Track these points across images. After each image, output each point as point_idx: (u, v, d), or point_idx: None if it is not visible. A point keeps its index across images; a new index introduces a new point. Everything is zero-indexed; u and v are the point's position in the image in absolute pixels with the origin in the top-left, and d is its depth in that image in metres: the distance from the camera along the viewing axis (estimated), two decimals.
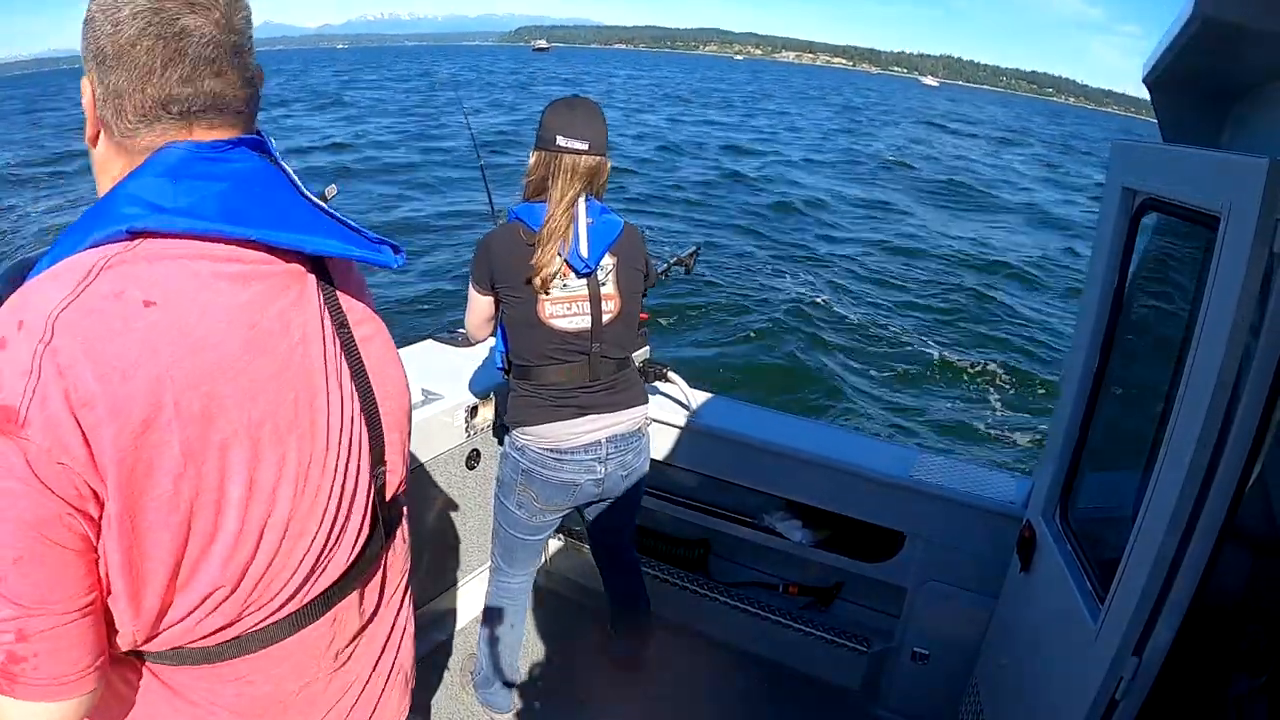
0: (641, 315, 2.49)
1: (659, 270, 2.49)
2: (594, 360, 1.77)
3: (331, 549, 0.80)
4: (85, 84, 0.72)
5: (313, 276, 0.78)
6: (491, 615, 2.04)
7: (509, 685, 2.07)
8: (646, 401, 1.90)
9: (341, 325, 0.82)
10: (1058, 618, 1.45)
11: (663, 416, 2.34)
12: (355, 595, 0.87)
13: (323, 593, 0.81)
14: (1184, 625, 1.12)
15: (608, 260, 1.74)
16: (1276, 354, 1.01)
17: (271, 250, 0.73)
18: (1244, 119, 1.36)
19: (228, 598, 0.72)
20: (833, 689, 2.24)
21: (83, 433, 0.60)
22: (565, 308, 1.71)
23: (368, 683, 0.94)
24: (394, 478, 0.90)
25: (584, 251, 1.68)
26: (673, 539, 2.54)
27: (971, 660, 1.91)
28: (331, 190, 0.80)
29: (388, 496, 0.89)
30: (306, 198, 0.77)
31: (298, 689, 0.84)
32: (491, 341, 1.94)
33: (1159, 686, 1.15)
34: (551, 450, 1.79)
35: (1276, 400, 1.02)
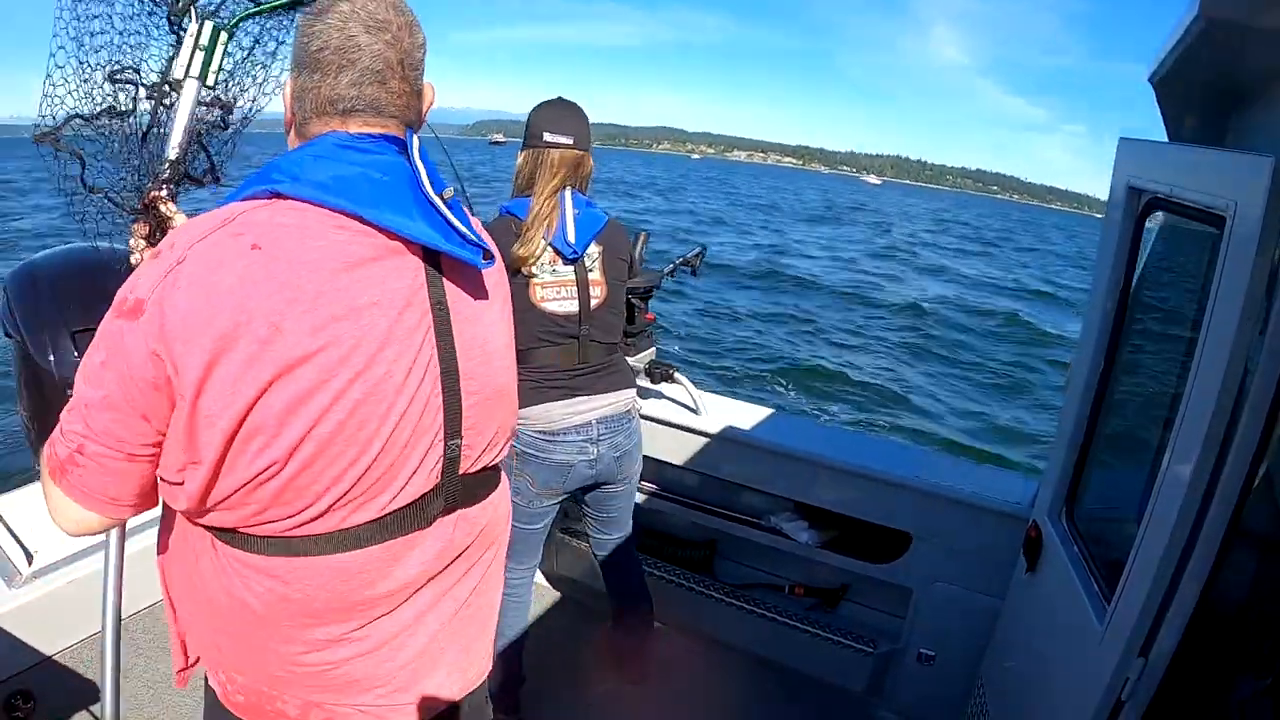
0: (648, 316, 2.50)
1: (665, 270, 2.51)
2: (583, 343, 1.84)
3: (372, 489, 0.89)
4: (288, 83, 0.93)
5: (416, 258, 0.90)
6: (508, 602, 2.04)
7: (512, 682, 2.08)
8: (634, 386, 1.95)
9: (439, 305, 0.92)
10: (1064, 619, 1.45)
11: (668, 417, 2.34)
12: (404, 544, 0.94)
13: (362, 525, 0.90)
14: (1189, 627, 1.11)
15: (594, 249, 1.83)
16: None
17: (379, 229, 0.86)
18: (1248, 117, 1.35)
19: (261, 487, 0.84)
20: (838, 690, 2.24)
21: (176, 337, 0.78)
22: (555, 291, 1.80)
23: (433, 639, 1.02)
24: (470, 453, 0.98)
25: (571, 238, 1.78)
26: (678, 540, 2.54)
27: (977, 661, 1.91)
28: (449, 192, 0.92)
29: (461, 469, 0.97)
30: (425, 193, 0.89)
31: (334, 609, 0.92)
32: None
33: (1164, 688, 1.15)
34: (543, 433, 1.84)
35: None
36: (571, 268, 1.81)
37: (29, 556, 1.55)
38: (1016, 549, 1.73)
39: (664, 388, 2.44)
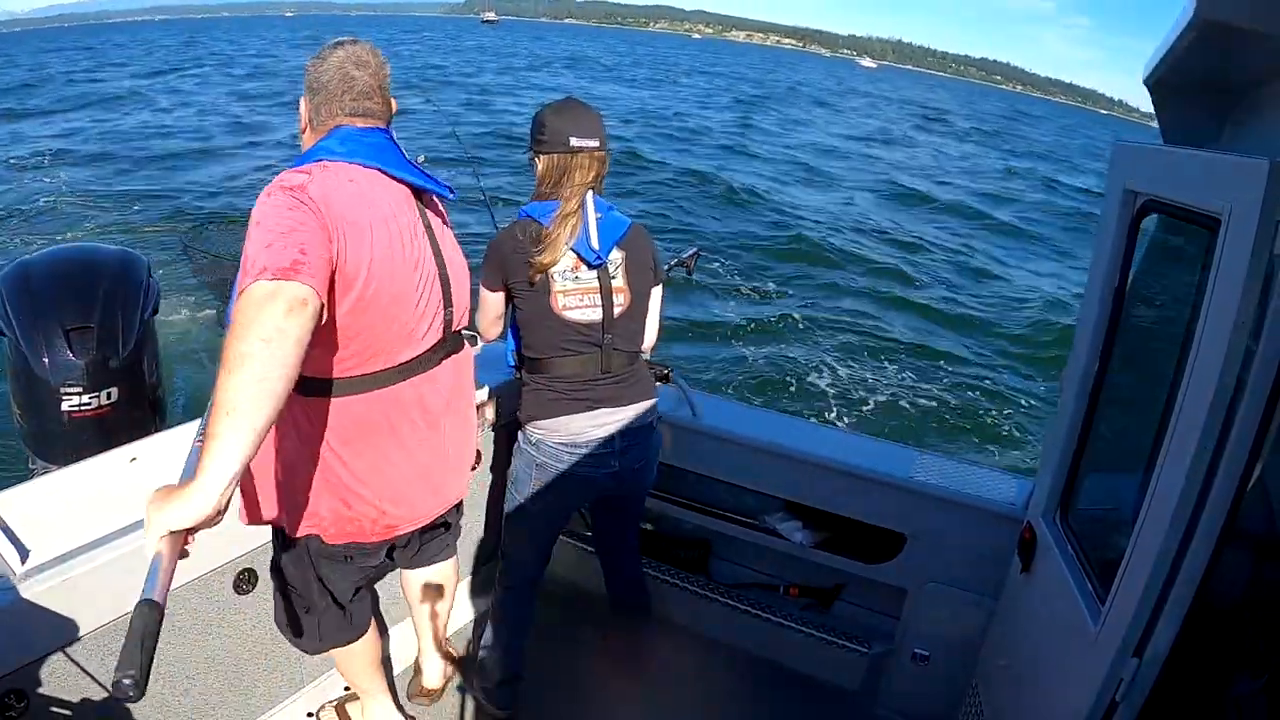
0: None
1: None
2: (606, 352, 1.79)
3: (413, 333, 1.42)
4: (303, 102, 1.47)
5: (412, 196, 1.46)
6: (498, 612, 2.04)
7: (513, 682, 2.08)
8: (656, 396, 1.92)
9: (427, 226, 1.48)
10: (1058, 619, 1.45)
11: (662, 418, 2.34)
12: (430, 378, 1.48)
13: (406, 363, 1.42)
14: (1184, 626, 1.12)
15: (616, 254, 1.78)
16: (1277, 355, 1.01)
17: (391, 176, 1.42)
18: (1244, 120, 1.36)
19: (349, 342, 1.33)
20: (833, 690, 2.24)
21: (328, 203, 1.26)
22: (577, 299, 1.75)
23: (448, 459, 1.58)
24: (456, 316, 1.53)
25: (594, 243, 1.73)
26: (673, 540, 2.54)
27: (972, 661, 1.91)
28: (421, 158, 1.50)
29: (453, 327, 1.53)
30: (405, 157, 1.45)
31: (390, 426, 1.43)
32: (495, 341, 1.96)
33: (1159, 688, 1.16)
34: (566, 445, 1.80)
35: (1277, 402, 1.02)
36: (594, 274, 1.75)
37: (23, 555, 1.54)
38: (1011, 549, 1.73)
39: (659, 388, 2.44)
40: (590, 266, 1.74)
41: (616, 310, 1.78)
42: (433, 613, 2.01)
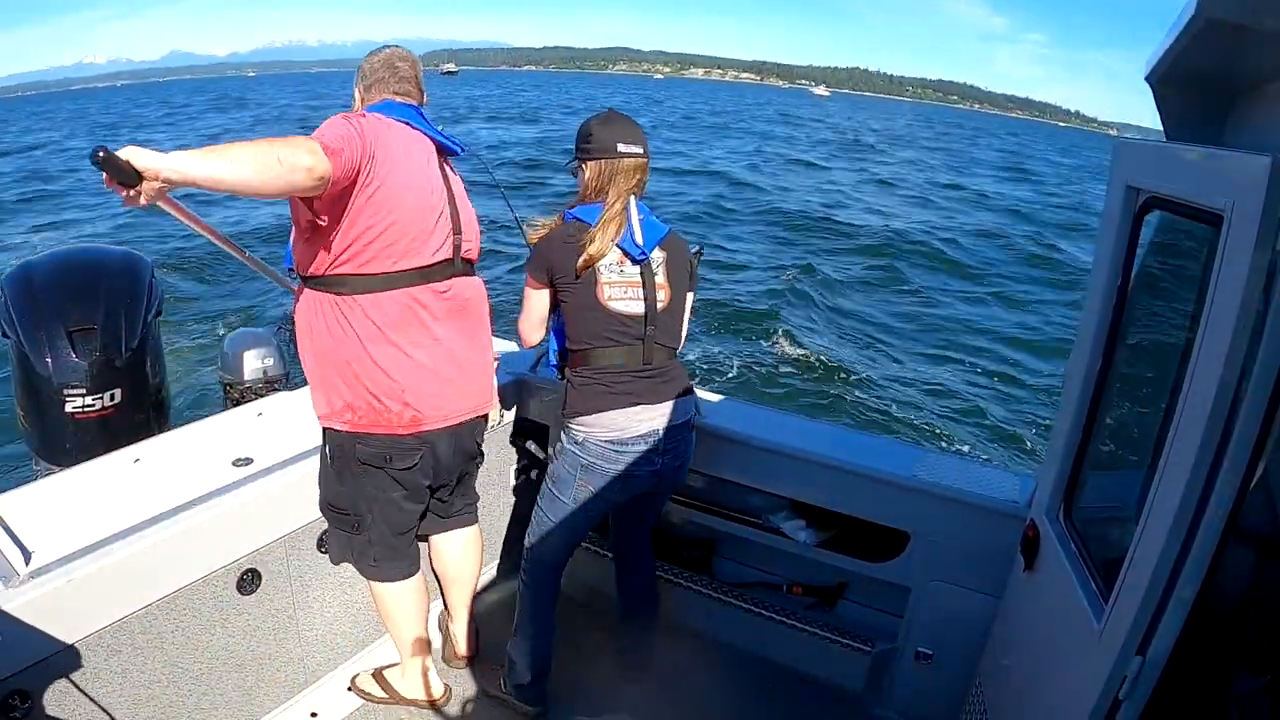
0: None
1: None
2: (648, 345, 1.87)
3: (427, 243, 1.74)
4: (356, 90, 1.90)
5: (435, 152, 1.83)
6: (526, 611, 2.06)
7: (543, 679, 2.10)
8: (694, 393, 1.98)
9: (444, 173, 1.84)
10: (1061, 617, 1.45)
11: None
12: (440, 289, 1.78)
13: (420, 268, 1.73)
14: (1187, 625, 1.12)
15: (658, 254, 1.90)
16: None
17: (422, 132, 1.80)
18: (1246, 117, 1.36)
19: (376, 237, 1.65)
20: (836, 689, 2.24)
21: (373, 135, 1.62)
22: (622, 290, 1.85)
23: (459, 363, 1.85)
24: (466, 245, 1.85)
25: (639, 239, 1.85)
26: (677, 539, 2.54)
27: (975, 660, 1.91)
28: (441, 126, 1.87)
29: (462, 253, 1.84)
30: (428, 122, 1.84)
31: (405, 324, 1.73)
32: (510, 346, 2.00)
33: (1162, 686, 1.15)
34: (612, 442, 1.85)
35: None
36: (637, 269, 1.86)
37: (26, 556, 1.55)
38: (1014, 547, 1.73)
39: None
40: (634, 261, 1.85)
41: (658, 305, 1.87)
42: (461, 579, 2.20)
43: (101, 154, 1.19)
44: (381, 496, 1.86)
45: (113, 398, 2.42)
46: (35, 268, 2.50)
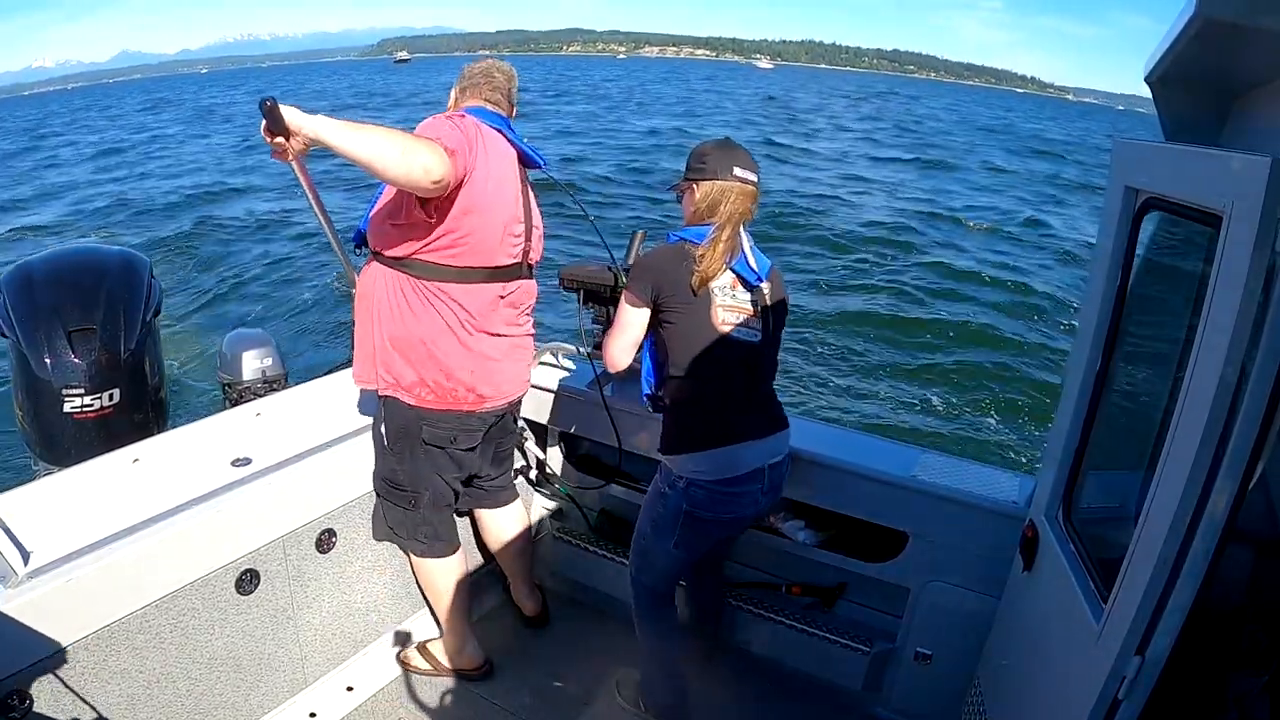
0: None
1: None
2: (755, 375, 1.81)
3: (502, 247, 1.87)
4: (453, 92, 2.06)
5: (518, 162, 1.95)
6: (647, 640, 2.06)
7: (680, 690, 2.09)
8: (788, 425, 1.91)
9: (523, 184, 1.96)
10: (1060, 617, 1.45)
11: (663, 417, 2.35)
12: (507, 287, 1.93)
13: (493, 268, 1.87)
14: (1186, 625, 1.12)
15: (765, 285, 1.82)
16: (1279, 353, 1.01)
17: (508, 140, 1.93)
18: (1245, 117, 1.36)
19: (467, 233, 1.79)
20: (835, 689, 2.24)
21: (472, 140, 1.76)
22: (735, 316, 1.76)
23: (511, 354, 2.01)
24: (533, 252, 2.02)
25: (753, 264, 1.79)
26: None
27: (974, 660, 1.91)
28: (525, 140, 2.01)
29: (527, 258, 2.00)
30: (515, 133, 1.97)
31: (468, 320, 1.87)
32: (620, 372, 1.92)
33: (1161, 686, 1.15)
34: (722, 481, 1.77)
35: (1279, 400, 1.02)
36: (749, 296, 1.79)
37: (25, 556, 1.55)
38: (1013, 548, 1.73)
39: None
40: (747, 287, 1.78)
41: (767, 335, 1.81)
42: (517, 547, 2.37)
43: (268, 103, 1.41)
44: (437, 476, 2.00)
45: (112, 398, 2.42)
46: (34, 268, 2.50)
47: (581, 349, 2.41)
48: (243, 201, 15.15)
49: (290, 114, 1.42)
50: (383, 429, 1.97)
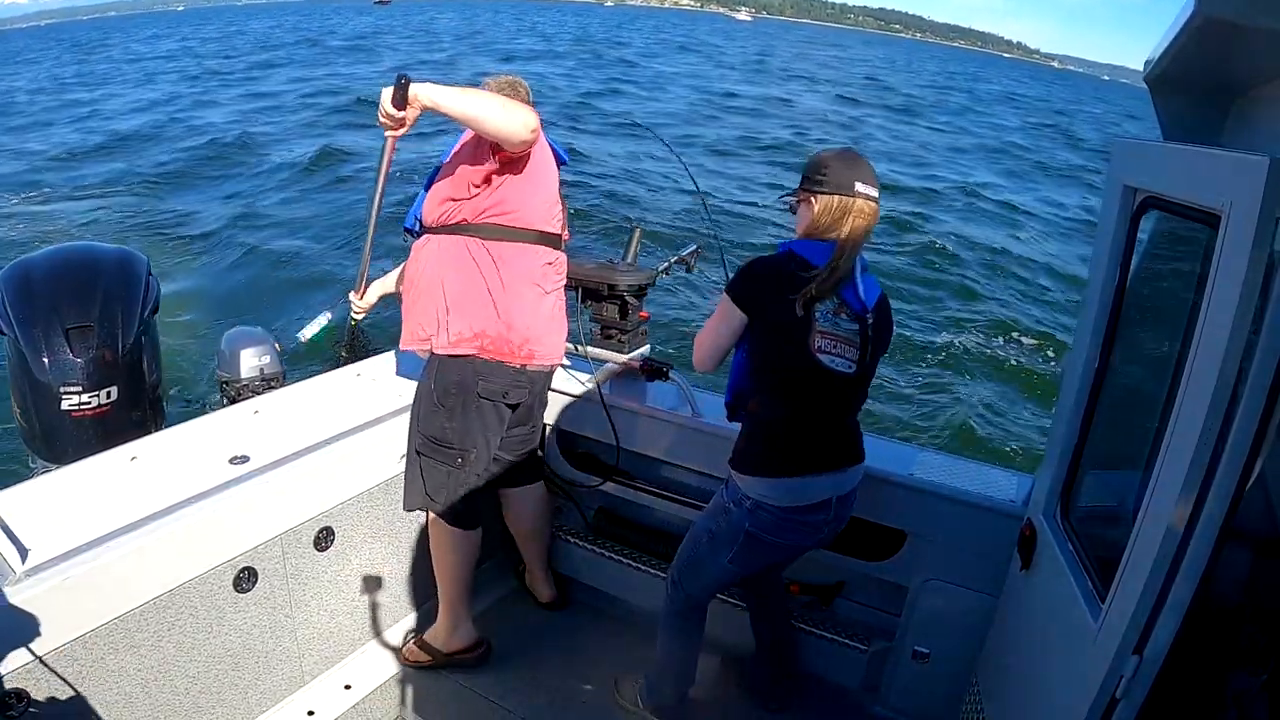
0: (642, 314, 2.50)
1: (660, 268, 2.51)
2: (843, 408, 1.76)
3: (548, 215, 2.08)
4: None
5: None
6: (669, 632, 2.04)
7: (682, 693, 2.09)
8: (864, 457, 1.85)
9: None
10: (1058, 616, 1.45)
11: (662, 415, 2.35)
12: (550, 252, 2.09)
13: (541, 232, 2.04)
14: (1184, 624, 1.12)
15: (870, 316, 1.71)
16: (1277, 353, 1.01)
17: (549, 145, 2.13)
18: (1245, 117, 1.36)
19: (525, 201, 2.01)
20: (833, 688, 2.24)
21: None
22: (832, 343, 1.66)
23: (554, 316, 2.14)
24: (565, 229, 2.18)
25: (861, 293, 1.69)
26: (673, 537, 2.54)
27: (972, 659, 1.91)
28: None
29: (563, 230, 2.17)
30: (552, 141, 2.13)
31: (526, 275, 2.03)
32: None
33: (1159, 685, 1.15)
34: (789, 509, 1.73)
35: (1277, 399, 1.02)
36: (854, 325, 1.68)
37: (23, 554, 1.55)
38: (1011, 546, 1.73)
39: (657, 385, 2.44)
40: (852, 316, 1.68)
41: (862, 368, 1.71)
42: (537, 532, 2.46)
43: (404, 79, 1.69)
44: (483, 438, 2.07)
45: (109, 395, 2.42)
46: (32, 265, 2.50)
47: (579, 347, 2.41)
48: (237, 196, 15.09)
49: (418, 88, 1.70)
50: (432, 386, 2.05)
